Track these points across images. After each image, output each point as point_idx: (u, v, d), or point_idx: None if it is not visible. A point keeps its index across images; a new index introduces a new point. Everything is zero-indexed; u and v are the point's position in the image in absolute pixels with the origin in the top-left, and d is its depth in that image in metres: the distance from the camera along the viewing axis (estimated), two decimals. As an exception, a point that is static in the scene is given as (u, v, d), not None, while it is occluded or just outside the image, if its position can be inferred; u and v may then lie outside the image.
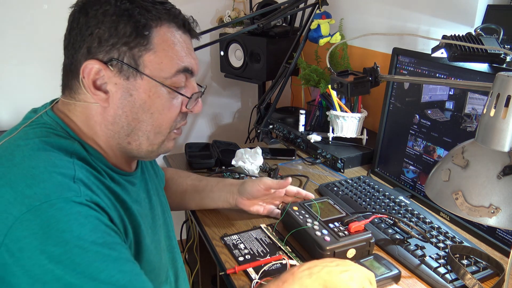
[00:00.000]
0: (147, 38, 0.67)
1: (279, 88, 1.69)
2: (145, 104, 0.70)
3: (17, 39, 1.85)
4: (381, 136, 1.32)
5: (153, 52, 0.68)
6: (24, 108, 0.76)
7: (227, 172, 1.30)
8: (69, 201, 0.58)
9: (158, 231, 0.83)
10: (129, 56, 0.67)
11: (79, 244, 0.56)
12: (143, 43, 0.67)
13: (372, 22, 1.62)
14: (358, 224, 0.93)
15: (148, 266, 0.74)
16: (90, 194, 0.61)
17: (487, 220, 0.58)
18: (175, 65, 0.70)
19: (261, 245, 0.97)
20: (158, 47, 0.68)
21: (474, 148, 0.62)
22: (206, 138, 2.40)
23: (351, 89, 0.98)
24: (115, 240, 0.62)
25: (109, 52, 0.66)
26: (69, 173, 0.61)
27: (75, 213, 0.57)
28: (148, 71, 0.68)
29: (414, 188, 1.22)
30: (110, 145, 0.73)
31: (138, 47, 0.67)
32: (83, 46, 0.67)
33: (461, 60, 0.97)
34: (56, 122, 0.70)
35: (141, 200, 0.79)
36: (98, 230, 0.59)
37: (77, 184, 0.61)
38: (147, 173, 0.88)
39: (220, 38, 1.66)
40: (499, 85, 0.60)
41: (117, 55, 0.67)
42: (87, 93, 0.69)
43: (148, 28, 0.67)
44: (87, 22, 0.66)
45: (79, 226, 0.57)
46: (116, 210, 0.67)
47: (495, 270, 0.88)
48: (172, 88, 0.71)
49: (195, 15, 0.78)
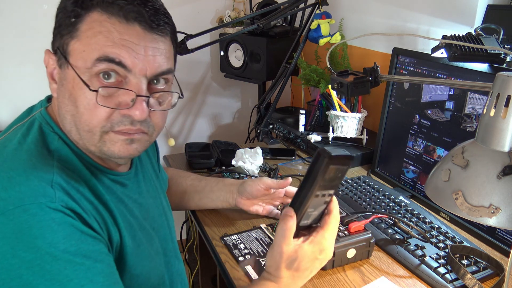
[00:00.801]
0: (74, 25, 0.64)
1: (279, 88, 1.69)
2: (71, 96, 0.65)
3: (17, 39, 1.85)
4: (381, 136, 1.32)
5: (78, 39, 0.64)
6: (24, 108, 0.77)
7: (227, 172, 1.30)
8: (43, 206, 0.57)
9: (151, 233, 0.81)
10: (60, 43, 0.66)
11: (50, 252, 0.55)
12: (70, 31, 0.64)
13: (372, 22, 1.62)
14: (358, 224, 0.93)
15: (134, 270, 0.72)
16: (66, 200, 0.60)
17: (487, 220, 0.58)
18: (96, 52, 0.62)
19: (261, 245, 0.97)
20: (82, 35, 0.63)
21: (474, 148, 0.62)
22: (206, 138, 2.40)
23: (351, 89, 0.98)
24: (91, 247, 0.60)
25: (54, 42, 0.67)
26: (47, 176, 0.60)
27: (48, 219, 0.57)
28: (72, 60, 0.64)
29: (414, 188, 1.22)
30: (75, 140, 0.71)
31: (67, 35, 0.65)
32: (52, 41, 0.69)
33: (461, 60, 0.97)
34: (42, 117, 0.69)
35: (130, 201, 0.77)
36: (71, 238, 0.58)
37: (54, 188, 0.60)
38: (142, 174, 0.85)
39: (220, 38, 1.66)
40: (499, 85, 0.60)
41: (58, 44, 0.66)
42: None
43: (77, 15, 0.64)
44: (57, 16, 0.67)
45: (51, 233, 0.56)
46: (97, 213, 0.66)
47: (495, 270, 0.88)
48: (85, 82, 0.63)
49: (195, 15, 0.77)
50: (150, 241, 0.80)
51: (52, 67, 0.68)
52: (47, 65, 0.69)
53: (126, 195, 0.76)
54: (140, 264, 0.74)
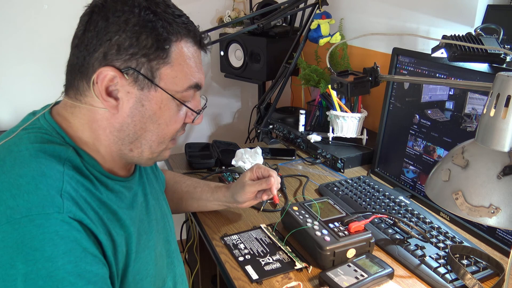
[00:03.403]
0: (167, 52, 0.68)
1: (279, 88, 1.69)
2: (154, 115, 0.70)
3: (17, 39, 1.85)
4: (381, 136, 1.32)
5: (170, 66, 0.69)
6: (24, 108, 0.76)
7: (227, 172, 1.30)
8: (50, 217, 0.57)
9: (155, 236, 0.82)
10: (147, 67, 0.67)
11: (46, 266, 0.55)
12: (162, 56, 0.67)
13: (372, 22, 1.62)
14: (358, 224, 0.93)
15: (139, 274, 0.73)
16: (74, 211, 0.60)
17: (487, 220, 0.58)
18: (188, 80, 0.71)
19: (261, 245, 0.97)
20: (175, 62, 0.69)
21: (474, 148, 0.62)
22: (206, 138, 2.40)
23: (351, 89, 0.98)
24: (89, 267, 0.60)
25: (127, 61, 0.66)
26: (56, 185, 0.60)
27: (52, 232, 0.56)
28: (163, 84, 0.69)
29: (414, 188, 1.22)
30: (110, 150, 0.72)
31: (157, 60, 0.67)
32: (99, 50, 0.66)
33: (461, 60, 0.97)
34: (52, 127, 0.69)
35: (137, 205, 0.78)
36: (71, 254, 0.58)
37: (63, 198, 0.59)
38: (145, 177, 0.87)
39: (220, 38, 1.66)
40: (499, 85, 0.60)
41: (135, 65, 0.66)
42: (95, 98, 0.68)
43: (169, 42, 0.67)
44: (107, 27, 0.65)
45: (52, 247, 0.56)
46: (103, 225, 0.66)
47: (495, 270, 0.88)
48: (182, 102, 0.72)
49: (195, 15, 0.78)
50: (154, 244, 0.81)
51: (110, 83, 0.67)
52: (100, 81, 0.66)
53: (134, 201, 0.77)
54: (145, 269, 0.75)
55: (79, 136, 0.70)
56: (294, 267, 0.90)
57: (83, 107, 0.69)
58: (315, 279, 0.87)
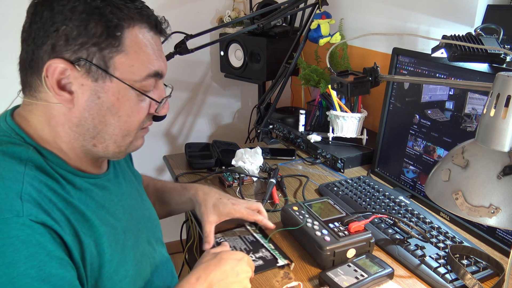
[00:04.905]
0: (119, 39, 0.64)
1: (279, 88, 1.69)
2: (113, 107, 0.67)
3: (17, 39, 1.84)
4: (381, 136, 1.32)
5: (125, 54, 0.65)
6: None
7: (227, 172, 1.30)
8: (9, 222, 0.54)
9: (135, 235, 0.79)
10: (98, 57, 0.63)
11: (7, 272, 0.53)
12: (114, 44, 0.64)
13: (372, 22, 1.62)
14: (358, 224, 0.93)
15: (117, 275, 0.70)
16: (35, 213, 0.57)
17: (487, 220, 0.58)
18: (147, 69, 0.67)
19: (244, 243, 0.98)
20: (129, 49, 0.65)
21: (474, 148, 0.62)
22: (206, 138, 2.40)
23: (351, 89, 0.98)
24: (54, 271, 0.57)
25: (77, 52, 0.63)
26: (15, 187, 0.57)
27: (12, 237, 0.54)
28: (119, 73, 0.65)
29: (414, 188, 1.22)
30: (73, 147, 0.69)
31: (109, 48, 0.64)
32: (47, 43, 0.62)
33: (461, 60, 0.97)
34: (11, 128, 0.66)
35: (112, 203, 0.75)
36: (34, 258, 0.55)
37: (22, 200, 0.57)
38: (121, 174, 0.83)
39: (220, 38, 1.66)
40: (499, 85, 0.60)
41: (86, 55, 0.63)
42: (49, 93, 0.64)
43: (120, 28, 0.64)
44: (52, 17, 0.62)
45: (13, 252, 0.54)
46: (69, 226, 0.63)
47: (495, 270, 0.88)
48: (142, 92, 0.69)
49: (195, 15, 0.77)
50: (135, 243, 0.78)
51: (62, 76, 0.64)
52: (51, 75, 0.63)
53: (107, 199, 0.74)
54: (124, 269, 0.72)
55: (40, 134, 0.67)
56: (277, 264, 0.90)
57: (39, 104, 0.67)
58: (315, 279, 0.87)
